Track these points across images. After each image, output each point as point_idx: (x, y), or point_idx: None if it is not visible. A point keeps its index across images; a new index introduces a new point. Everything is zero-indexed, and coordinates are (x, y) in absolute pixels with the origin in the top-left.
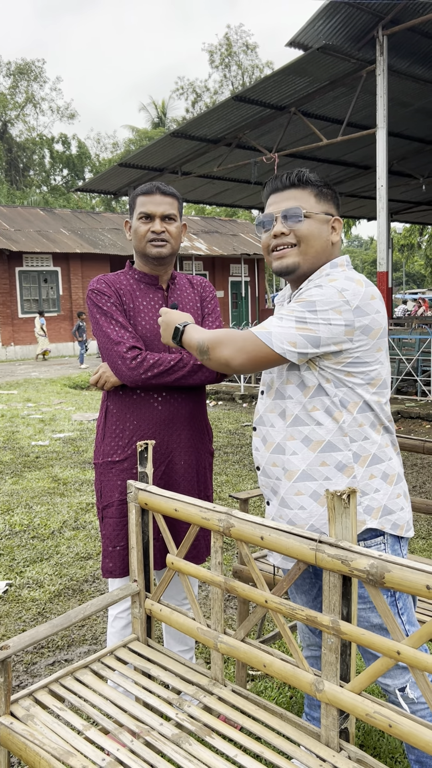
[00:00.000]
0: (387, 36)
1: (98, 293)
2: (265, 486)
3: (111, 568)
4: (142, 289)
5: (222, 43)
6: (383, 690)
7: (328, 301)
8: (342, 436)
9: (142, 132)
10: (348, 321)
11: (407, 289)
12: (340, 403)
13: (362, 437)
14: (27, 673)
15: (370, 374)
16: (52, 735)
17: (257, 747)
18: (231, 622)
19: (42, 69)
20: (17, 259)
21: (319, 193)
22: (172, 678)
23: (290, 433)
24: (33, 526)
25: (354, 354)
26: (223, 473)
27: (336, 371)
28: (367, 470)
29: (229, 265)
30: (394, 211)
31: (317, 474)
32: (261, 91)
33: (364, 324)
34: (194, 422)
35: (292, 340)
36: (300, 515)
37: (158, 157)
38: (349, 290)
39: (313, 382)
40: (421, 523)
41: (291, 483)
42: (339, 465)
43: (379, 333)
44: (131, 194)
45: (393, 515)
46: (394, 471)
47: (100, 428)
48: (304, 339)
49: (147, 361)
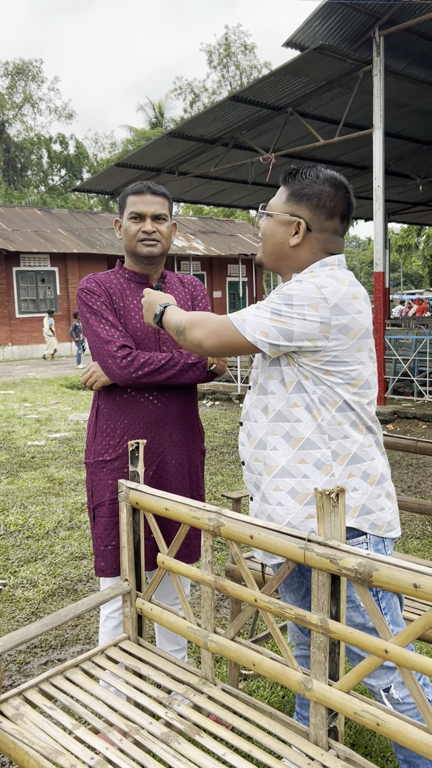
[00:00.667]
0: (384, 36)
1: (88, 292)
2: (248, 481)
3: (103, 567)
4: (132, 288)
5: (221, 44)
6: (369, 690)
7: (306, 296)
8: (321, 433)
9: (140, 132)
10: (324, 318)
11: (405, 289)
12: (319, 401)
13: (342, 436)
14: (20, 672)
15: (350, 374)
16: (41, 734)
17: (246, 746)
18: (224, 621)
19: (40, 69)
20: (14, 259)
21: (296, 192)
22: (163, 677)
23: (272, 429)
24: (28, 526)
25: (332, 353)
26: (219, 473)
27: (314, 369)
28: (346, 469)
29: (227, 265)
30: (392, 211)
31: (296, 471)
32: (258, 92)
33: (342, 323)
34: (185, 421)
35: (265, 330)
36: (278, 511)
37: (155, 157)
38: (328, 288)
39: (293, 378)
40: (415, 523)
41: (270, 478)
42: (317, 462)
43: (360, 333)
44: (122, 193)
45: (372, 515)
46: (377, 471)
47: (91, 427)
48: (277, 331)
49: (137, 359)
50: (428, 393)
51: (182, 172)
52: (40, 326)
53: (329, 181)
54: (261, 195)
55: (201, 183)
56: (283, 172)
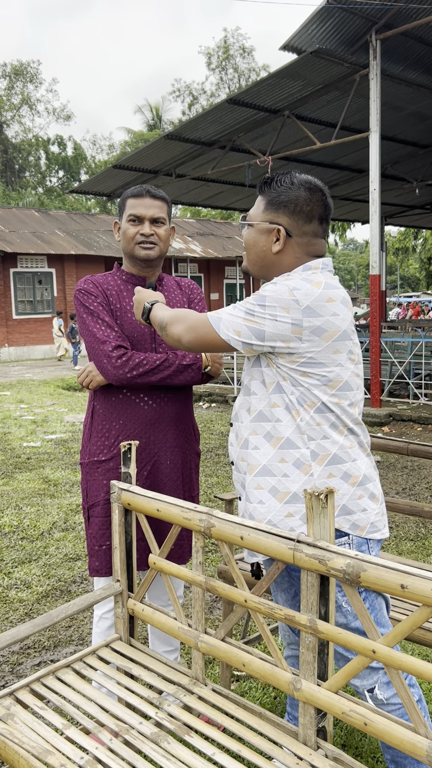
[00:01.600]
0: (380, 40)
1: (85, 293)
2: (237, 481)
3: (97, 567)
4: (129, 290)
5: (219, 46)
6: (354, 690)
7: (278, 298)
8: (300, 434)
9: (137, 134)
10: (295, 320)
11: (402, 292)
12: (297, 402)
13: (321, 436)
14: (12, 673)
15: (327, 375)
16: (32, 734)
17: (236, 746)
18: (218, 622)
19: (38, 70)
20: (12, 261)
21: (273, 200)
22: (154, 677)
23: (254, 428)
24: (22, 527)
25: (306, 354)
26: (215, 475)
27: (291, 370)
28: (325, 469)
29: (224, 267)
30: (388, 214)
31: (276, 470)
32: (255, 94)
33: (315, 325)
34: (181, 422)
35: (237, 329)
36: (259, 509)
37: (153, 159)
38: (301, 290)
39: (273, 379)
40: (409, 525)
41: (252, 477)
42: (297, 462)
43: (336, 335)
44: (122, 195)
45: (353, 515)
46: (359, 472)
47: (87, 428)
48: (249, 330)
49: (132, 360)
50: (423, 396)
51: (180, 174)
52: (37, 327)
53: (304, 186)
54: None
55: (198, 185)
56: (259, 182)
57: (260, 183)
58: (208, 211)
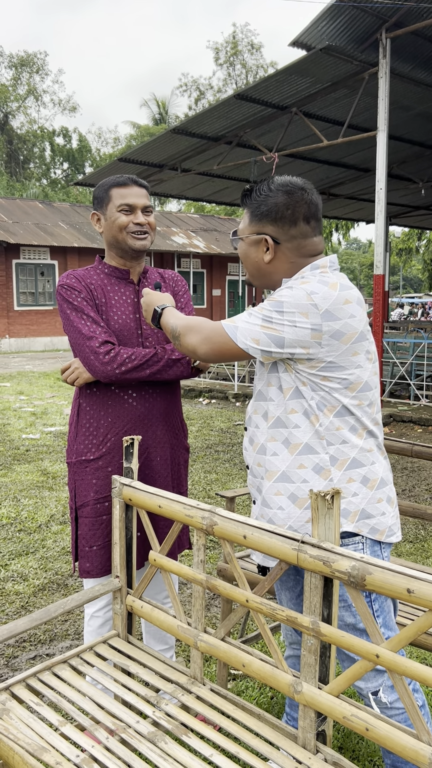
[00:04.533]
0: (390, 39)
1: (68, 288)
2: (252, 485)
3: (88, 568)
4: (113, 284)
5: (228, 41)
6: (357, 693)
7: (296, 303)
8: (319, 439)
9: (143, 128)
10: (314, 325)
11: (404, 293)
12: (317, 407)
13: (340, 441)
14: (8, 666)
15: (348, 378)
16: (27, 730)
17: (233, 747)
18: (215, 620)
19: (44, 61)
20: (14, 252)
21: (255, 211)
22: (151, 675)
23: (272, 435)
24: (20, 520)
25: (326, 359)
26: (214, 471)
27: (311, 375)
28: (345, 474)
29: (227, 263)
30: (393, 214)
31: (295, 476)
32: (263, 90)
33: (335, 329)
34: (169, 418)
35: (256, 338)
36: (279, 515)
37: (158, 153)
38: (318, 294)
39: (291, 384)
40: (409, 527)
41: (271, 483)
42: (316, 467)
43: (354, 337)
44: (100, 185)
45: (372, 519)
46: (377, 475)
47: (73, 426)
48: (268, 338)
49: (120, 355)
50: (425, 397)
51: (185, 169)
52: (38, 319)
53: (282, 190)
54: None
55: (203, 180)
56: (241, 195)
57: (242, 195)
58: (212, 206)
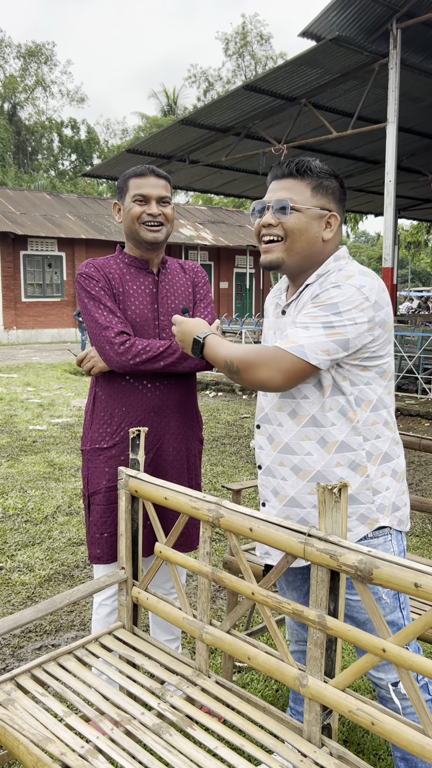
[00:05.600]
0: (401, 29)
1: (87, 277)
2: (265, 486)
3: (99, 554)
4: (132, 274)
5: (237, 32)
6: (375, 684)
7: (350, 300)
8: (356, 435)
9: (152, 119)
10: (370, 317)
11: (412, 286)
12: (355, 402)
13: (374, 436)
14: (13, 656)
15: (383, 367)
16: (32, 720)
17: (238, 740)
18: (221, 612)
19: (52, 52)
20: (22, 243)
21: (318, 185)
22: (156, 667)
23: (305, 434)
24: (27, 510)
25: (371, 348)
26: (220, 464)
27: (353, 366)
28: (378, 468)
29: (235, 256)
30: (402, 207)
31: (332, 475)
32: (272, 81)
33: (382, 318)
34: (184, 409)
35: (325, 348)
36: (314, 513)
37: (166, 144)
38: (366, 286)
39: (330, 381)
40: (415, 521)
41: (305, 482)
42: (353, 465)
43: (391, 325)
44: (122, 176)
45: (399, 512)
46: (401, 468)
47: (88, 414)
48: (336, 344)
49: (135, 346)
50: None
51: (193, 160)
52: (45, 311)
53: (334, 174)
54: None
55: (211, 172)
56: (288, 166)
57: (295, 167)
58: (220, 199)
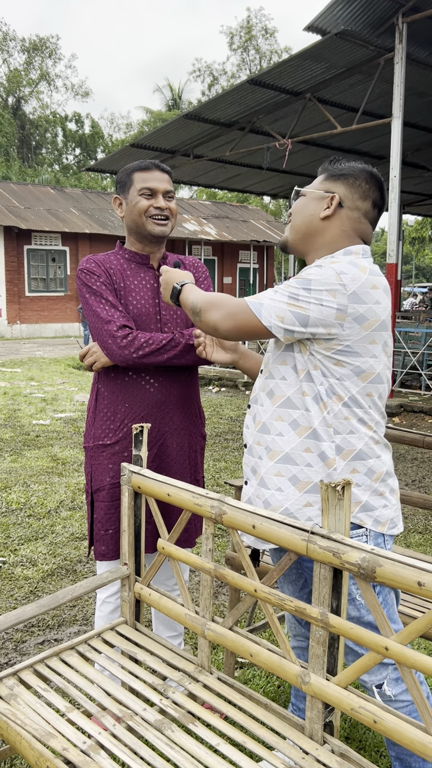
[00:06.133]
0: (407, 23)
1: (88, 273)
2: (247, 464)
3: (104, 551)
4: (132, 269)
5: (242, 26)
6: (361, 685)
7: (324, 281)
8: (326, 426)
9: (156, 114)
10: (341, 305)
11: (417, 282)
12: (325, 394)
13: (347, 431)
14: (16, 651)
15: (361, 366)
16: (34, 715)
17: (240, 737)
18: (223, 608)
19: (57, 45)
20: (26, 237)
21: (332, 172)
22: (159, 663)
23: (279, 414)
24: (30, 505)
25: (344, 342)
26: (223, 459)
27: (325, 358)
28: (349, 464)
29: (238, 251)
30: (406, 203)
31: (300, 459)
32: (277, 76)
33: (359, 312)
34: (187, 405)
35: (281, 315)
36: (276, 496)
37: (170, 138)
38: (348, 274)
39: (303, 366)
40: (418, 518)
41: (273, 463)
42: (322, 455)
43: (375, 325)
44: (123, 170)
45: (374, 511)
46: (382, 468)
47: (91, 411)
48: (293, 316)
49: (138, 339)
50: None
51: (197, 155)
52: (49, 305)
53: (366, 169)
54: (276, 181)
55: (216, 167)
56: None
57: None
58: (224, 193)
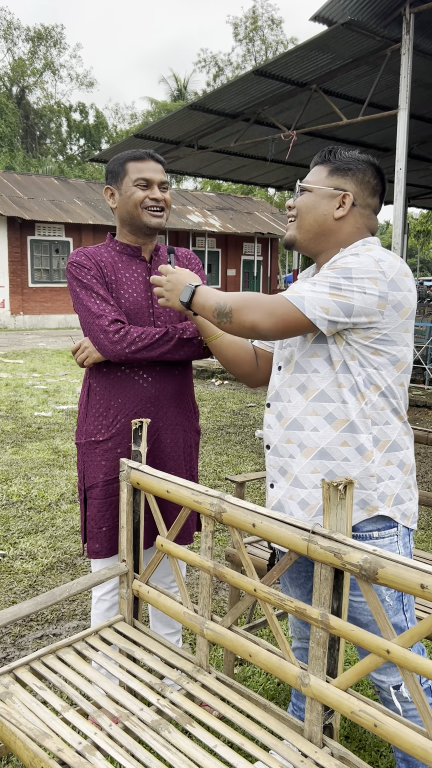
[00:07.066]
0: (414, 14)
1: (78, 266)
2: (273, 466)
3: (98, 549)
4: (124, 261)
5: (248, 16)
6: (376, 687)
7: (365, 269)
8: (364, 418)
9: (161, 104)
10: (382, 292)
11: (421, 276)
12: (363, 384)
13: (384, 421)
14: (14, 645)
15: (396, 355)
16: (29, 715)
17: (238, 738)
18: (223, 604)
19: (62, 35)
20: (29, 228)
21: (337, 168)
22: (157, 662)
23: (313, 409)
24: (30, 497)
25: (382, 330)
26: (225, 453)
27: (363, 347)
28: (384, 456)
29: (243, 243)
30: (412, 195)
31: (336, 454)
32: (282, 66)
33: (397, 299)
34: (181, 400)
35: (325, 306)
36: (314, 494)
37: (175, 129)
38: (386, 261)
39: (339, 357)
40: (420, 514)
41: (308, 460)
42: (360, 447)
43: (408, 313)
44: (115, 159)
45: (403, 505)
46: (410, 461)
47: (83, 407)
48: (338, 306)
49: (130, 334)
50: None
51: (201, 146)
52: (52, 297)
53: (369, 161)
54: (281, 173)
55: (220, 158)
56: (320, 153)
57: (322, 153)
58: (228, 185)
